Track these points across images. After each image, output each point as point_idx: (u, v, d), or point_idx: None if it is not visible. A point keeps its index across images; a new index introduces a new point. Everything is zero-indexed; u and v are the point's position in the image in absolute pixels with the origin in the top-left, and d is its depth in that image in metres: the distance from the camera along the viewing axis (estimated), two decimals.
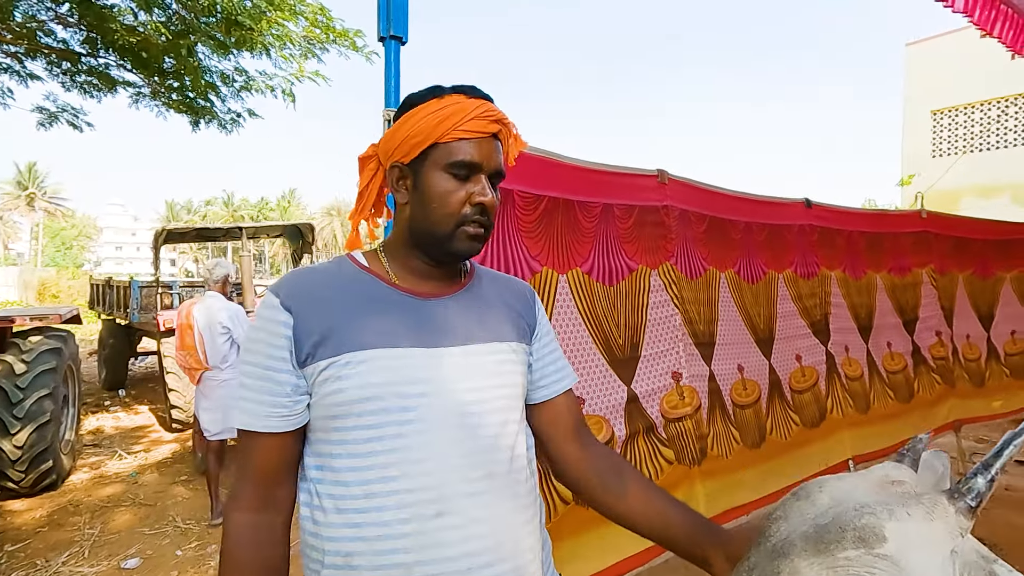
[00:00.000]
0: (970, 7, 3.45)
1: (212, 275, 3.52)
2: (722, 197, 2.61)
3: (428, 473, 0.75)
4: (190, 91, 5.71)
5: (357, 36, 5.67)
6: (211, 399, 3.38)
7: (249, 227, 5.27)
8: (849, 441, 3.05)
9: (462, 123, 0.80)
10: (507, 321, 0.90)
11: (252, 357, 0.78)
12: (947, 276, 3.95)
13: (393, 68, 1.46)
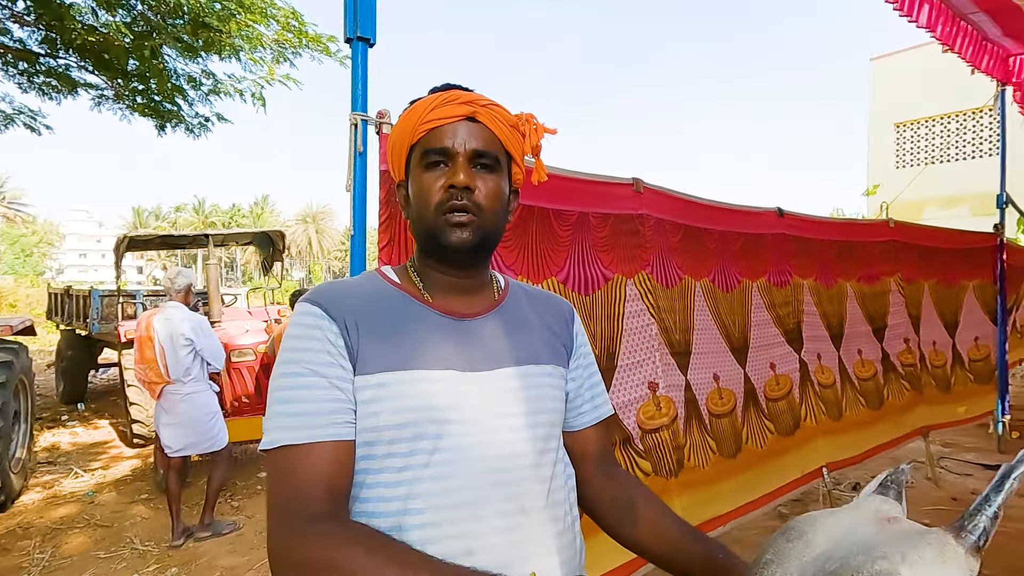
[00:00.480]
0: (932, 22, 3.55)
1: (174, 284, 3.38)
2: (697, 206, 2.61)
3: (458, 506, 0.70)
4: (155, 94, 5.54)
5: (331, 41, 5.58)
6: (173, 414, 3.24)
7: (216, 234, 5.11)
8: (823, 449, 3.07)
9: (426, 115, 0.78)
10: (544, 342, 0.86)
11: (302, 366, 0.71)
12: (914, 284, 4.04)
13: (360, 71, 1.41)
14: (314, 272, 51.59)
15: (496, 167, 0.79)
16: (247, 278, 55.28)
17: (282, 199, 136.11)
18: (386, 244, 1.47)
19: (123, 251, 5.48)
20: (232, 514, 3.64)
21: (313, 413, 0.69)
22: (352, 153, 1.39)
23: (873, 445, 3.44)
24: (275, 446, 0.68)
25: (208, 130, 6.08)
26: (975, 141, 11.25)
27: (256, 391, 4.26)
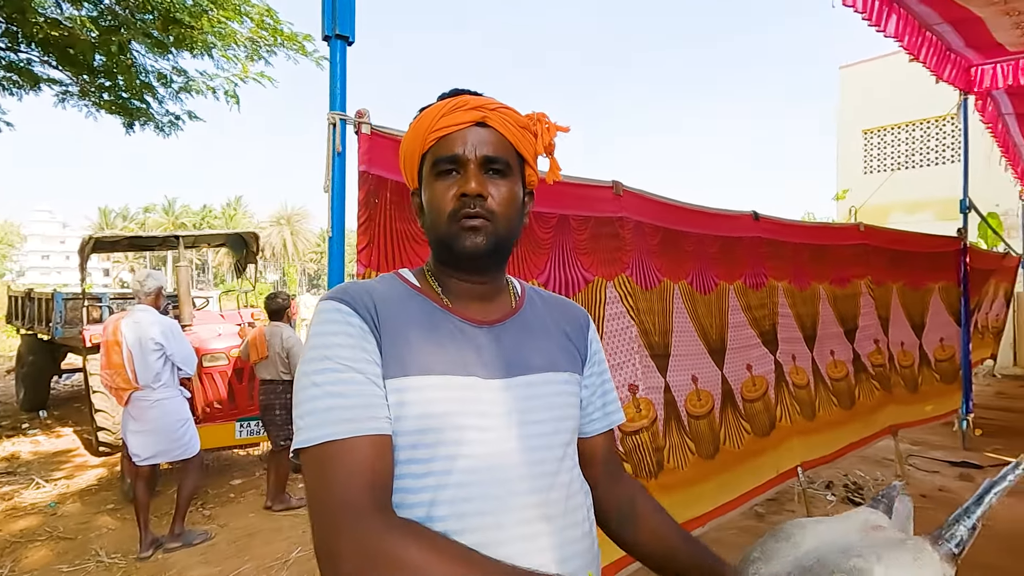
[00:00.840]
0: (900, 32, 3.65)
1: (143, 287, 3.27)
2: (675, 209, 2.63)
3: (481, 513, 0.69)
4: (123, 91, 5.37)
5: (307, 40, 5.50)
6: (142, 421, 3.13)
7: (187, 236, 4.97)
8: (798, 449, 3.12)
9: (435, 123, 0.77)
10: (562, 349, 0.86)
11: (337, 361, 0.69)
12: (883, 287, 4.14)
13: (339, 69, 1.38)
14: (289, 275, 50.70)
15: (508, 172, 0.78)
16: (219, 281, 54.11)
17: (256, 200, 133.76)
18: (365, 246, 1.44)
19: (89, 253, 5.29)
20: (204, 523, 3.54)
21: (353, 407, 0.67)
22: (330, 153, 1.36)
23: (845, 444, 3.51)
24: (316, 443, 0.65)
25: (179, 128, 5.93)
26: (938, 148, 11.63)
27: (229, 396, 4.15)
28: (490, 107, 0.78)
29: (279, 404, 3.66)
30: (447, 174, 0.77)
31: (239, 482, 4.23)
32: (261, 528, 3.44)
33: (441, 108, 0.78)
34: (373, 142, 1.44)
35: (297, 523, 3.48)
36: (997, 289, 6.57)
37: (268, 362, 3.66)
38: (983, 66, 4.50)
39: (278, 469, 3.69)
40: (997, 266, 6.33)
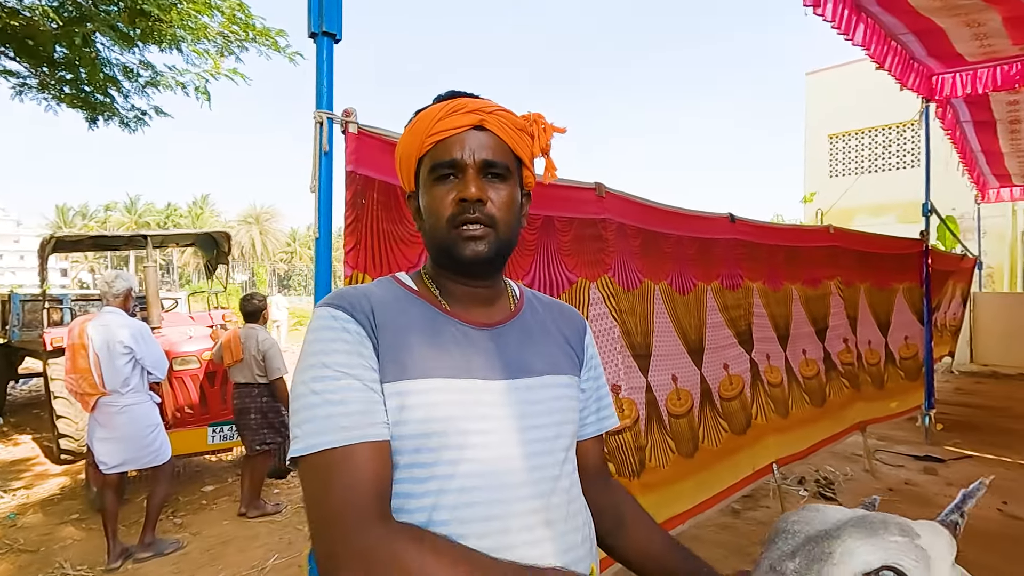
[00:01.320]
0: (867, 41, 3.77)
1: (111, 288, 3.15)
2: (655, 211, 2.66)
3: (485, 519, 0.69)
4: (86, 84, 5.16)
5: (279, 36, 5.37)
6: (110, 428, 3.01)
7: (155, 235, 4.81)
8: (773, 446, 3.19)
9: (432, 127, 0.76)
10: (562, 352, 0.86)
11: (334, 368, 0.68)
12: (851, 287, 4.27)
13: (325, 67, 1.35)
14: (258, 275, 49.58)
15: (507, 175, 0.78)
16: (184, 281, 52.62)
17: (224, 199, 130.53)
18: (352, 247, 1.42)
19: (49, 252, 5.09)
20: (175, 532, 3.44)
21: (352, 414, 0.66)
22: (317, 152, 1.33)
23: (817, 440, 3.61)
24: (315, 451, 0.65)
25: (145, 124, 5.72)
26: (900, 153, 12.07)
27: (201, 401, 4.04)
28: (488, 110, 0.77)
29: (254, 408, 3.57)
30: (445, 179, 0.76)
31: (211, 489, 4.12)
32: (236, 536, 3.35)
33: (438, 111, 0.76)
34: (360, 142, 1.42)
35: (273, 529, 3.41)
36: (955, 289, 6.85)
37: (243, 365, 3.57)
38: (944, 75, 4.68)
39: (253, 474, 3.60)
40: (956, 267, 6.60)
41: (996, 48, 4.09)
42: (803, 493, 3.75)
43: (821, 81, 12.91)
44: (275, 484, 4.11)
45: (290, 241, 71.02)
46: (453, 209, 0.75)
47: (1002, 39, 3.90)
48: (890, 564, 0.58)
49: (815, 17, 3.34)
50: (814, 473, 4.06)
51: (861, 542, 0.60)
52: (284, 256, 69.71)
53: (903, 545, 0.59)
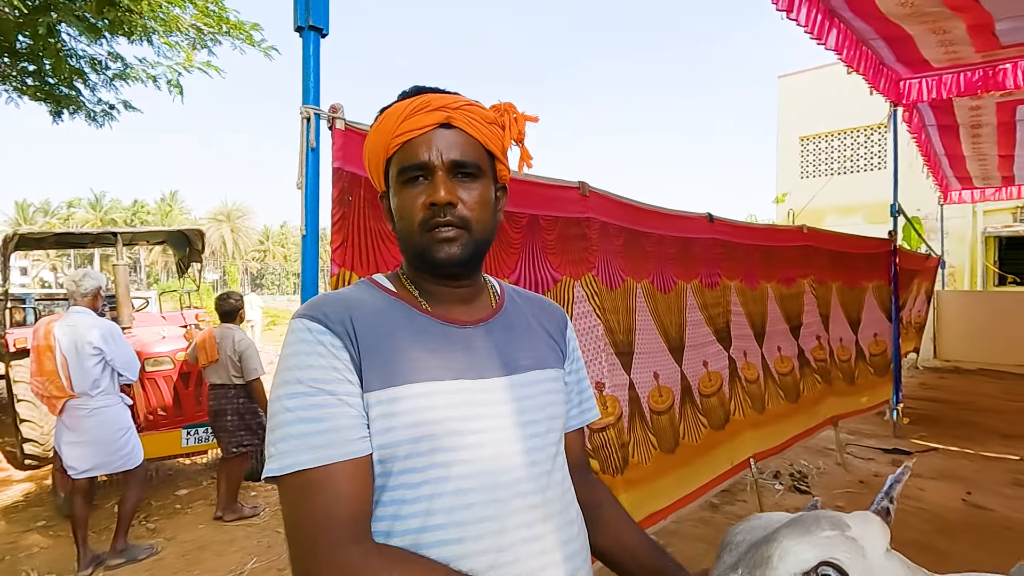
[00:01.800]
0: (839, 45, 3.87)
1: (80, 287, 3.05)
2: (637, 210, 2.69)
3: (483, 520, 0.68)
4: (50, 76, 4.98)
5: (254, 29, 5.26)
6: (78, 431, 2.91)
7: (125, 232, 4.65)
8: (750, 441, 3.26)
9: (397, 127, 0.73)
10: (546, 346, 0.85)
11: (308, 384, 0.67)
12: (824, 286, 4.38)
13: (312, 62, 1.33)
14: (230, 274, 48.54)
15: (479, 173, 0.76)
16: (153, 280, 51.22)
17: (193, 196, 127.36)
18: (339, 245, 1.40)
19: (11, 250, 4.89)
20: (149, 537, 3.34)
21: (328, 432, 0.65)
22: (304, 149, 1.31)
23: (792, 435, 3.69)
24: (290, 471, 0.64)
25: (113, 119, 5.55)
26: (868, 156, 12.43)
27: (175, 402, 3.93)
28: (454, 106, 0.74)
29: (231, 409, 3.50)
30: (414, 181, 0.74)
31: (186, 492, 4.02)
32: (212, 540, 3.28)
33: (403, 110, 0.73)
34: (347, 138, 1.40)
35: (251, 533, 3.34)
36: (920, 288, 7.08)
37: (218, 365, 3.49)
38: (911, 80, 4.83)
39: (229, 477, 3.52)
40: (921, 267, 6.82)
41: (960, 55, 4.24)
42: (778, 487, 3.84)
43: (793, 84, 13.21)
44: (252, 487, 4.03)
45: (263, 239, 69.72)
46: (424, 213, 0.73)
47: (966, 46, 4.04)
48: (825, 559, 0.60)
49: (789, 21, 3.42)
50: (789, 467, 4.15)
51: (795, 542, 0.62)
52: (256, 255, 68.41)
53: (835, 539, 0.62)
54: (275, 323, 20.27)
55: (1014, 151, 6.43)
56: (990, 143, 6.22)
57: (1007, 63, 4.32)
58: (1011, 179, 7.71)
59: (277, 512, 3.62)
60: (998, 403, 6.51)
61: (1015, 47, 4.05)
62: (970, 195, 8.62)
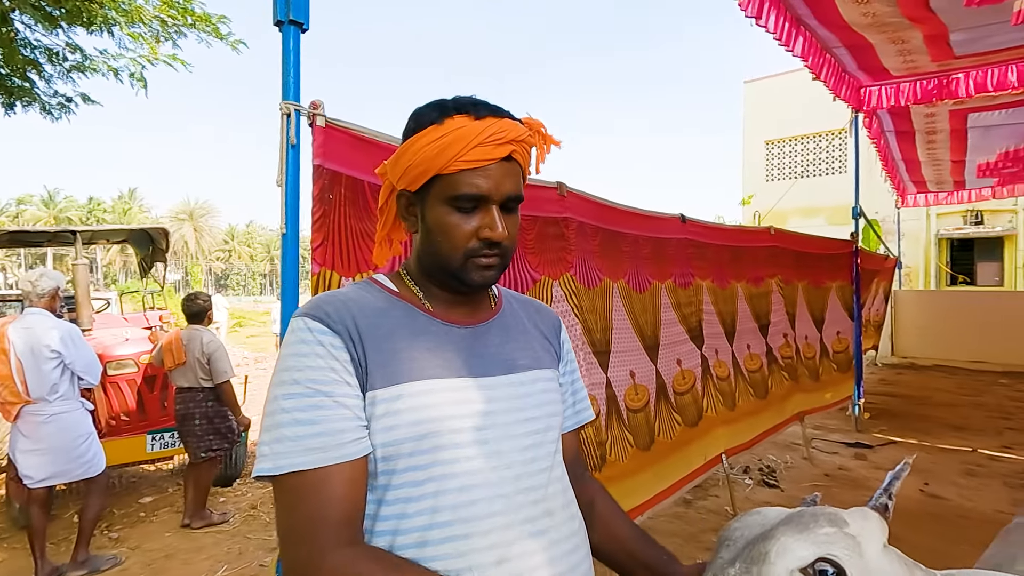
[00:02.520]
0: (805, 52, 3.99)
1: (36, 287, 2.91)
2: (613, 211, 2.72)
3: (489, 516, 0.69)
4: (2, 66, 4.75)
5: (221, 22, 5.12)
6: (35, 439, 2.78)
7: (85, 231, 4.47)
8: (722, 437, 3.33)
9: (463, 153, 0.70)
10: (541, 347, 0.87)
11: (306, 385, 0.67)
12: (790, 286, 4.51)
13: (292, 57, 1.31)
14: (193, 274, 47.06)
15: (520, 201, 0.77)
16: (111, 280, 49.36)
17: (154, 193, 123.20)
18: (320, 244, 1.38)
19: None
20: (111, 547, 3.22)
21: (323, 434, 0.66)
22: (284, 145, 1.29)
23: (761, 431, 3.79)
24: (284, 472, 0.65)
25: (71, 112, 5.32)
26: (829, 160, 12.85)
27: (138, 407, 3.79)
28: (519, 139, 0.74)
29: (199, 413, 3.40)
30: (465, 210, 0.73)
31: (150, 500, 3.88)
32: (179, 548, 3.18)
33: (470, 136, 0.70)
34: (328, 135, 1.38)
35: (221, 540, 3.25)
36: (878, 287, 7.35)
37: (186, 368, 3.39)
38: (871, 87, 5.02)
39: (197, 483, 3.42)
40: (880, 267, 7.09)
41: (917, 64, 4.42)
42: (748, 482, 3.94)
43: (758, 89, 13.55)
44: (221, 492, 3.93)
45: (228, 239, 67.98)
46: (474, 243, 0.73)
47: (923, 56, 4.22)
48: (823, 556, 0.61)
49: (758, 28, 3.51)
50: (758, 462, 4.26)
51: (794, 538, 0.62)
52: (221, 254, 66.64)
53: (833, 536, 0.62)
54: (241, 325, 19.77)
55: (965, 157, 6.75)
56: (943, 149, 6.50)
57: (960, 72, 4.53)
58: (962, 183, 8.08)
59: (248, 518, 3.54)
60: (951, 397, 6.82)
61: (968, 57, 4.25)
62: (924, 199, 8.99)
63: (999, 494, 3.53)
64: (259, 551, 3.10)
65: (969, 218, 11.58)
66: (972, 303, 9.72)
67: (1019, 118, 5.42)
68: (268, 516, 3.56)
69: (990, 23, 3.60)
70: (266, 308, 23.44)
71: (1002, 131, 5.84)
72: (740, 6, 3.28)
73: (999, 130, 5.81)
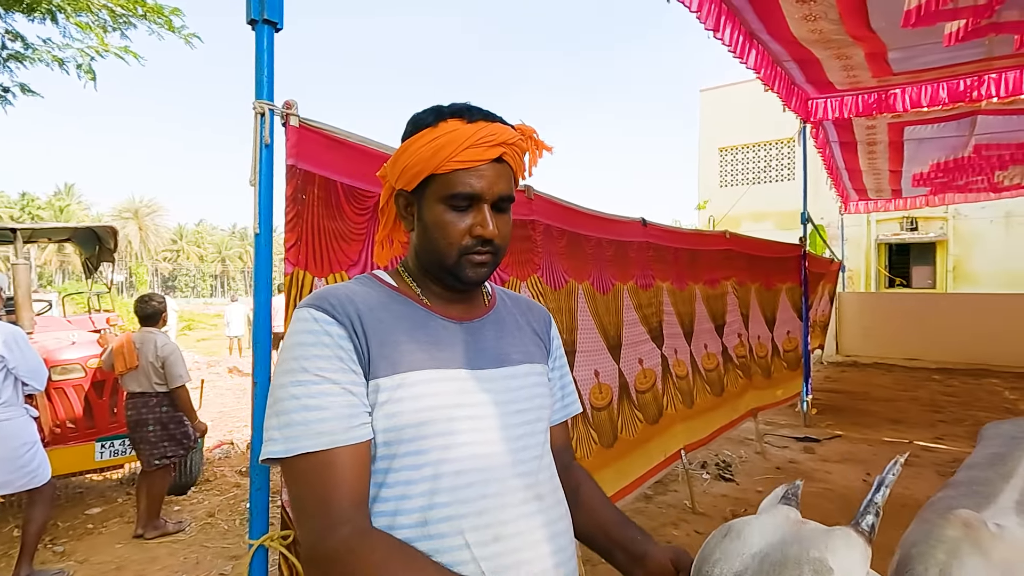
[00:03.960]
0: (758, 65, 4.18)
1: None
2: (578, 214, 2.79)
3: (484, 497, 0.74)
4: None
5: (174, 14, 4.95)
6: None
7: (25, 228, 4.23)
8: (681, 433, 3.45)
9: (456, 153, 0.75)
10: (534, 344, 0.92)
11: (313, 373, 0.71)
12: (744, 287, 4.71)
13: (266, 56, 1.30)
14: (138, 275, 44.94)
15: (512, 202, 0.81)
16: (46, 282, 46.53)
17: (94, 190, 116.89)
18: (293, 244, 1.37)
19: None
20: (57, 561, 3.06)
21: (329, 420, 0.70)
22: (257, 145, 1.28)
23: (717, 427, 3.94)
24: (293, 454, 0.69)
25: (8, 103, 5.04)
26: (779, 167, 13.42)
27: (86, 413, 3.62)
28: (510, 142, 0.79)
29: (152, 419, 3.27)
30: (459, 208, 0.78)
31: (99, 511, 3.70)
32: (131, 559, 3.05)
33: (463, 137, 0.75)
34: (301, 135, 1.38)
35: (176, 550, 3.14)
36: (824, 289, 7.74)
37: (138, 372, 3.26)
38: (818, 100, 5.29)
39: (151, 491, 3.29)
40: (826, 270, 7.46)
41: (860, 79, 4.69)
42: (706, 476, 4.08)
43: (714, 98, 14.03)
44: (176, 501, 3.79)
45: (176, 238, 65.24)
46: (467, 241, 0.78)
47: (864, 71, 4.49)
48: None
49: (715, 40, 3.66)
50: (714, 457, 4.42)
51: None
52: (168, 255, 63.89)
53: None
54: (190, 328, 18.99)
55: (902, 167, 7.19)
56: (882, 159, 6.91)
57: (897, 88, 4.83)
58: (899, 192, 8.60)
59: (205, 526, 3.43)
60: (890, 392, 7.24)
61: (904, 74, 4.55)
62: (865, 206, 9.52)
63: (931, 482, 3.78)
64: (217, 559, 3.02)
65: (905, 225, 12.32)
66: (908, 304, 10.35)
67: (949, 132, 5.83)
68: (227, 524, 3.46)
69: (925, 43, 3.87)
70: (217, 310, 22.62)
71: (934, 144, 6.26)
72: (699, 19, 3.41)
73: (931, 143, 6.22)
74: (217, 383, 8.41)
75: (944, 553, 0.93)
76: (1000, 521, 1.02)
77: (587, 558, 2.56)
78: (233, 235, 75.00)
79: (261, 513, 1.27)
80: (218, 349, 12.95)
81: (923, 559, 0.94)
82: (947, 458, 4.37)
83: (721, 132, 13.81)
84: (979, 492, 1.19)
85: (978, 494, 1.18)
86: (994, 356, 9.02)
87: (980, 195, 8.46)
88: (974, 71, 4.48)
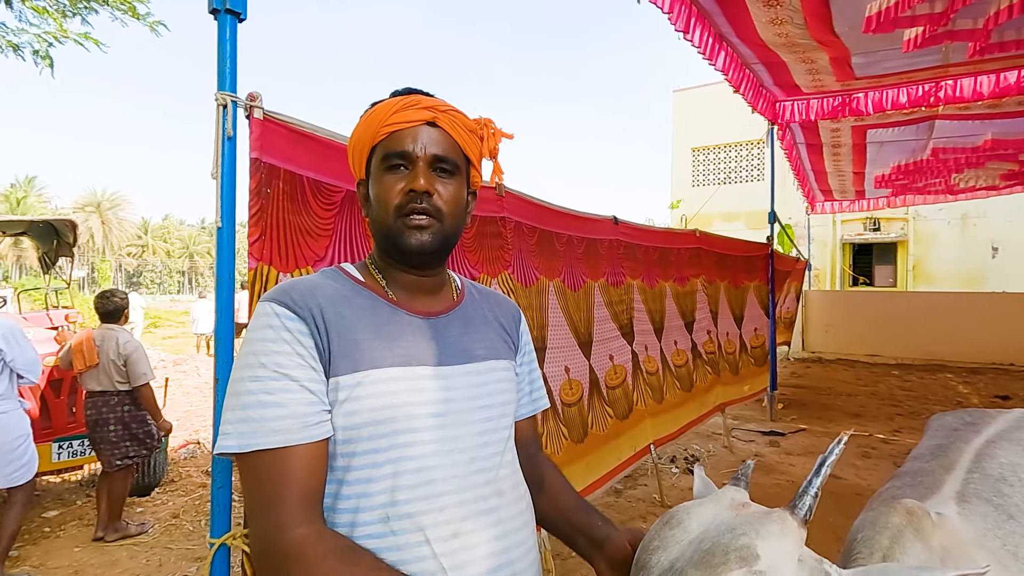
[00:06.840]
0: (726, 67, 4.27)
1: None
2: (549, 211, 2.81)
3: (443, 494, 0.74)
4: None
5: (139, 1, 4.80)
6: None
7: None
8: (650, 428, 3.51)
9: (387, 118, 0.80)
10: (500, 340, 0.91)
11: (272, 368, 0.70)
12: (713, 285, 4.80)
13: (228, 47, 1.28)
14: (100, 270, 43.42)
15: (455, 171, 0.82)
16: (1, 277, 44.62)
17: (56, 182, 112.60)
18: (257, 239, 1.35)
19: None
20: (12, 566, 2.93)
21: (285, 417, 0.69)
22: (220, 137, 1.25)
23: (686, 422, 4.02)
24: (247, 450, 0.68)
25: None
26: (749, 168, 13.70)
27: (43, 413, 3.49)
28: (440, 108, 0.81)
29: (113, 418, 3.18)
30: (396, 169, 0.80)
31: (56, 513, 3.58)
32: (90, 563, 2.96)
33: (394, 104, 0.80)
34: (265, 128, 1.36)
35: (137, 552, 3.06)
36: (790, 287, 7.94)
37: (98, 371, 3.16)
38: (785, 102, 5.42)
39: (112, 493, 3.20)
40: (792, 268, 7.65)
41: (824, 83, 4.82)
42: (675, 471, 4.16)
43: (686, 98, 14.22)
44: (138, 502, 3.69)
45: (141, 233, 63.30)
46: (401, 199, 0.79)
47: (828, 76, 4.61)
48: None
49: (685, 42, 3.71)
50: (683, 452, 4.51)
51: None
52: (133, 250, 62.00)
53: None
54: (156, 325, 18.45)
55: (864, 169, 7.42)
56: (847, 161, 7.12)
57: (860, 92, 4.98)
58: (862, 193, 8.87)
59: (169, 528, 3.35)
60: (851, 387, 7.48)
61: (867, 79, 4.69)
62: (831, 206, 9.78)
63: (888, 472, 3.90)
64: (181, 561, 2.95)
65: (868, 225, 12.69)
66: (870, 302, 10.69)
67: (909, 135, 6.04)
68: (191, 525, 3.38)
69: (886, 49, 3.99)
70: (184, 307, 22.05)
71: (895, 146, 6.47)
72: (669, 20, 3.46)
73: (892, 146, 6.43)
74: (184, 382, 8.21)
75: (888, 539, 0.97)
76: (940, 510, 1.07)
77: (557, 552, 2.59)
78: (202, 230, 73.13)
79: (223, 511, 1.25)
80: (185, 347, 12.63)
81: (868, 544, 0.98)
82: (903, 450, 4.54)
83: (694, 132, 14.01)
84: (922, 483, 1.24)
85: (922, 484, 1.24)
86: (949, 352, 9.39)
87: (938, 197, 8.77)
88: (932, 77, 4.64)
